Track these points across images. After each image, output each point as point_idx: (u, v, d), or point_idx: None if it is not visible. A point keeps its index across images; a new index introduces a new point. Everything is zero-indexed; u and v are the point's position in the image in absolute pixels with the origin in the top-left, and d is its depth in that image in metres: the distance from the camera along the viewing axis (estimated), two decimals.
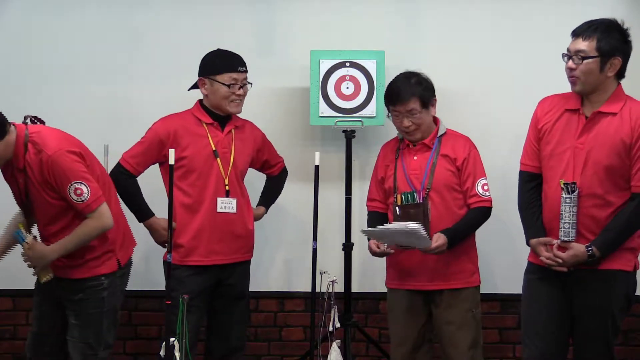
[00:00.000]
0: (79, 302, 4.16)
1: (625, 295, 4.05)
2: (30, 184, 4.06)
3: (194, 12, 5.20)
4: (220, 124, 4.51)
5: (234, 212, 4.48)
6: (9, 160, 4.06)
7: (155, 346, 4.65)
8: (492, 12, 5.17)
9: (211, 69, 4.48)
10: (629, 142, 3.94)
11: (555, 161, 4.05)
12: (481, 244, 4.53)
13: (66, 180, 4.02)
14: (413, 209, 4.33)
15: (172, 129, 4.46)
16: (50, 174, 4.02)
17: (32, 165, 4.03)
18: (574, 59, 3.97)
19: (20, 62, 5.17)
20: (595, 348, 4.03)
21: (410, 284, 4.40)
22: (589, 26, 3.99)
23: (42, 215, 4.14)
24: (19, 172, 4.07)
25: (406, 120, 4.36)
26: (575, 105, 4.05)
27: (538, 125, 4.13)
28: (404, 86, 4.37)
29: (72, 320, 4.18)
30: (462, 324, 4.37)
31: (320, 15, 5.21)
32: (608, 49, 3.95)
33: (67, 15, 5.15)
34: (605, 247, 3.94)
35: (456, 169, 4.39)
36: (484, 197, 4.38)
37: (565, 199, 3.97)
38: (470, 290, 4.41)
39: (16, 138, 4.03)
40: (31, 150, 4.03)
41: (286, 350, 5.28)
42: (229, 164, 4.48)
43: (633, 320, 5.16)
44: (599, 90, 4.00)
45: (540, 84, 4.27)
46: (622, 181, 3.97)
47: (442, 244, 4.25)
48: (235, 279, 4.54)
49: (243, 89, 4.50)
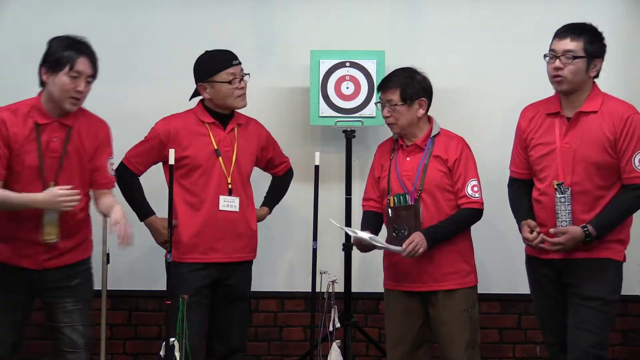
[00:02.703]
0: (76, 287, 4.19)
1: (616, 284, 4.14)
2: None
3: (194, 12, 5.21)
4: (221, 122, 4.51)
5: (237, 210, 4.47)
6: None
7: (155, 346, 4.66)
8: (492, 12, 5.18)
9: (207, 72, 4.46)
10: (612, 138, 4.06)
11: (545, 163, 4.15)
12: (481, 244, 4.53)
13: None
14: (404, 211, 4.32)
15: (172, 129, 4.46)
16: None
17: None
18: (561, 59, 4.07)
19: (20, 62, 5.16)
20: (586, 336, 4.07)
21: (406, 285, 4.40)
22: (575, 28, 4.11)
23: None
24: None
25: (385, 110, 4.36)
26: (555, 108, 4.17)
27: (522, 135, 4.26)
28: (393, 76, 4.38)
29: (68, 306, 4.18)
30: (457, 324, 4.36)
31: (320, 15, 5.22)
32: (594, 51, 4.09)
33: (67, 15, 5.15)
34: (602, 226, 4.06)
35: (448, 170, 4.36)
36: (474, 199, 4.34)
37: (559, 198, 4.08)
38: (465, 290, 4.38)
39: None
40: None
41: (286, 350, 5.29)
42: (231, 163, 4.48)
43: (633, 320, 5.17)
44: (578, 91, 4.12)
45: (540, 84, 4.27)
46: (613, 174, 4.09)
47: (417, 242, 4.22)
48: (236, 279, 4.52)
49: (243, 81, 4.50)
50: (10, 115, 4.08)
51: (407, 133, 4.38)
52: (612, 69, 4.34)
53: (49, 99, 4.10)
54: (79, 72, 4.07)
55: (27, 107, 4.11)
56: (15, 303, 4.16)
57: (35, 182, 4.08)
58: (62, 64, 4.06)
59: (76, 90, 4.07)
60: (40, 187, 4.07)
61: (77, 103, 4.11)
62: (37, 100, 4.12)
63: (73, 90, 4.06)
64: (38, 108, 4.10)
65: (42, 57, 4.12)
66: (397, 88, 4.33)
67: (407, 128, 4.37)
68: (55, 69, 4.06)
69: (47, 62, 4.10)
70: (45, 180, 4.07)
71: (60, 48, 4.09)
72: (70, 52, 4.07)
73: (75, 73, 4.06)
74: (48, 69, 4.08)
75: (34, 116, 4.09)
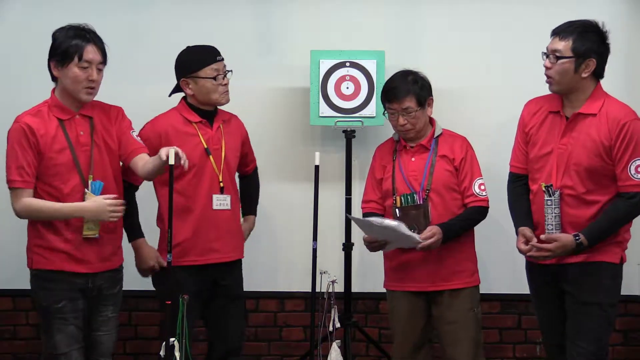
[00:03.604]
0: (117, 294, 4.20)
1: (613, 287, 4.10)
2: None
3: (194, 12, 5.20)
4: (208, 120, 4.47)
5: (229, 208, 4.45)
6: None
7: (155, 346, 4.65)
8: (493, 12, 5.17)
9: (191, 67, 4.42)
10: (607, 143, 4.00)
11: (541, 164, 4.12)
12: (481, 244, 4.54)
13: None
14: (413, 210, 4.34)
15: (162, 131, 4.40)
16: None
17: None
18: (550, 58, 4.04)
19: (20, 61, 5.17)
20: (586, 344, 4.05)
21: (411, 285, 4.40)
22: (568, 26, 4.06)
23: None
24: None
25: (401, 119, 4.37)
26: (556, 107, 4.13)
27: (525, 128, 4.22)
28: (400, 84, 4.38)
29: (108, 313, 4.17)
30: (463, 324, 4.37)
31: (320, 15, 5.21)
32: (583, 50, 4.01)
33: (67, 15, 5.13)
34: (593, 236, 4.01)
35: (454, 169, 4.40)
36: (481, 197, 4.39)
37: (547, 201, 4.06)
38: (471, 289, 4.42)
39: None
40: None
41: (286, 350, 5.29)
42: (221, 160, 4.45)
43: (633, 320, 5.16)
44: (577, 91, 4.06)
45: (540, 84, 4.27)
46: (606, 180, 4.04)
47: (437, 236, 4.24)
48: (231, 279, 4.51)
49: (226, 78, 4.46)
50: (34, 119, 4.03)
51: (420, 135, 4.40)
52: (612, 69, 4.33)
53: (64, 93, 4.07)
54: (89, 61, 4.03)
55: (46, 106, 4.07)
56: (77, 311, 4.10)
57: (73, 179, 4.04)
58: (70, 56, 4.01)
59: (89, 80, 4.03)
60: (79, 183, 4.03)
61: (93, 92, 4.08)
62: (53, 98, 4.09)
63: (86, 80, 4.03)
64: (56, 105, 4.07)
65: (49, 52, 4.07)
66: (412, 95, 4.35)
67: (422, 130, 4.40)
68: (64, 61, 4.02)
69: (55, 55, 4.05)
70: (83, 175, 4.04)
71: (66, 39, 4.04)
72: (76, 41, 4.03)
73: (86, 63, 4.02)
74: (57, 62, 4.04)
75: (56, 113, 4.05)
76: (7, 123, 4.16)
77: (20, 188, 4.01)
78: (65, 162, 4.02)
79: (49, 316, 4.07)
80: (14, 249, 4.34)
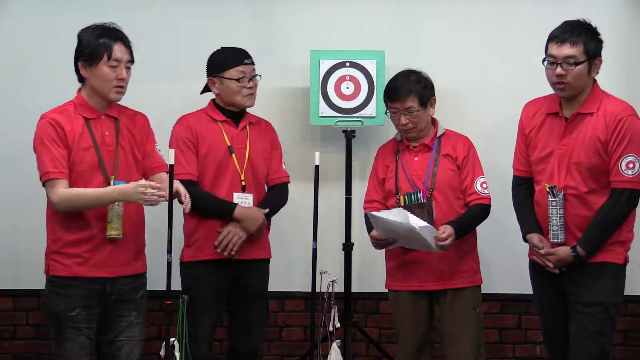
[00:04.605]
0: (140, 299, 4.13)
1: (616, 288, 4.09)
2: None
3: (194, 12, 5.21)
4: (234, 120, 4.50)
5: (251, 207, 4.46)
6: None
7: (155, 346, 4.65)
8: (493, 12, 5.17)
9: (218, 67, 4.48)
10: (604, 138, 4.01)
11: (543, 165, 4.13)
12: (481, 243, 4.54)
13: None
14: (418, 209, 4.34)
15: (192, 127, 4.45)
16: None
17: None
18: (562, 65, 4.02)
19: (20, 61, 5.17)
20: (589, 345, 4.04)
21: (415, 284, 4.40)
22: (572, 30, 4.05)
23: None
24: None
25: (404, 118, 4.37)
26: (555, 108, 4.14)
27: (525, 131, 4.23)
28: (403, 83, 4.38)
29: (132, 319, 4.08)
30: (466, 323, 4.37)
31: (320, 15, 5.22)
32: (593, 52, 4.04)
33: (67, 15, 5.15)
34: (589, 245, 4.01)
35: (457, 168, 4.41)
36: (483, 195, 4.40)
37: (551, 202, 4.05)
38: (473, 289, 4.42)
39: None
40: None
41: (286, 350, 5.28)
42: (244, 160, 4.47)
43: (633, 320, 5.16)
44: (581, 92, 4.07)
45: (540, 85, 4.27)
46: (606, 178, 4.04)
47: (452, 238, 4.23)
48: (253, 278, 4.51)
49: (253, 81, 4.49)
50: (60, 116, 3.99)
51: (422, 135, 4.41)
52: (612, 69, 4.34)
53: (92, 93, 4.03)
54: (118, 59, 4.00)
55: (72, 105, 4.04)
56: (91, 321, 4.02)
57: (96, 178, 3.99)
58: (99, 55, 3.98)
59: (119, 79, 4.01)
60: (103, 183, 3.98)
61: (122, 91, 4.05)
62: (80, 98, 4.05)
63: (116, 79, 4.00)
64: (83, 104, 4.03)
65: (76, 52, 4.03)
66: (415, 95, 4.36)
67: (424, 129, 4.41)
68: (93, 61, 3.98)
69: (82, 55, 4.01)
70: (107, 175, 4.00)
71: (94, 38, 4.00)
72: (104, 40, 4.00)
73: (115, 62, 4.00)
74: (85, 62, 4.00)
75: (82, 112, 4.02)
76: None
77: (57, 179, 3.94)
78: (90, 161, 3.99)
79: (61, 323, 3.99)
80: (14, 249, 4.33)
